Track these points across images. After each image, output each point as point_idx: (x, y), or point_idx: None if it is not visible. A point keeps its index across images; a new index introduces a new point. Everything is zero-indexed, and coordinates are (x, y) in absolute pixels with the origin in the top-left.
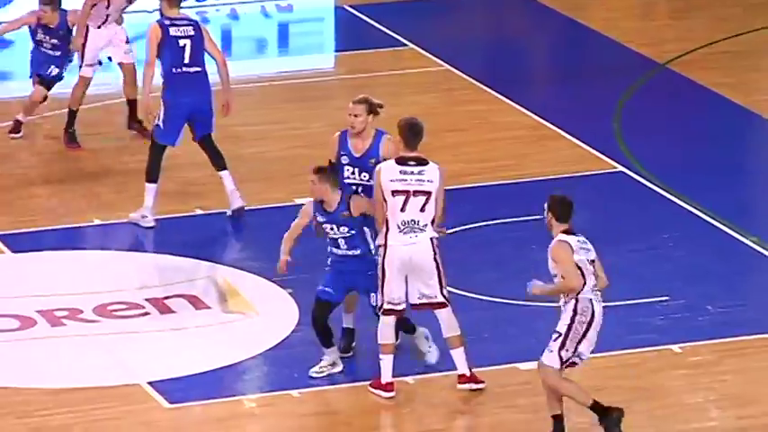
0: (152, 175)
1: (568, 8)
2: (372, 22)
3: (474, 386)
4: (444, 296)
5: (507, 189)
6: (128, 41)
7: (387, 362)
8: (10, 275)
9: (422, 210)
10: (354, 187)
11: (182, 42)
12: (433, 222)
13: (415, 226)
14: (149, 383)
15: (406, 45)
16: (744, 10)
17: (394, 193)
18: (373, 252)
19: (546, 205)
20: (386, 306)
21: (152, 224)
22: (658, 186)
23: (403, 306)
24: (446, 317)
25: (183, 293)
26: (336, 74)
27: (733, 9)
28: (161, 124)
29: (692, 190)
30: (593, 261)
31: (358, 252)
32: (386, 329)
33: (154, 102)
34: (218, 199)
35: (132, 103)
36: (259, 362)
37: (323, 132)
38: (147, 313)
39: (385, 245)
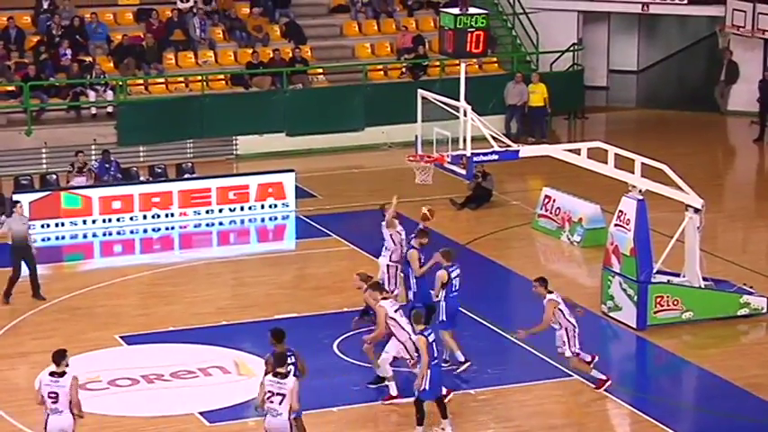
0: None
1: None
2: (314, 224)
3: None
4: None
5: None
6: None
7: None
8: (124, 359)
9: None
10: None
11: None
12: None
13: None
14: (199, 413)
15: (330, 236)
16: (503, 218)
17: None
18: None
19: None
20: None
21: None
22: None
23: None
24: None
25: (218, 365)
26: (296, 250)
27: (498, 218)
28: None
29: (486, 313)
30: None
31: None
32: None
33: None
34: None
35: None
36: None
37: (291, 280)
38: (210, 374)
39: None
